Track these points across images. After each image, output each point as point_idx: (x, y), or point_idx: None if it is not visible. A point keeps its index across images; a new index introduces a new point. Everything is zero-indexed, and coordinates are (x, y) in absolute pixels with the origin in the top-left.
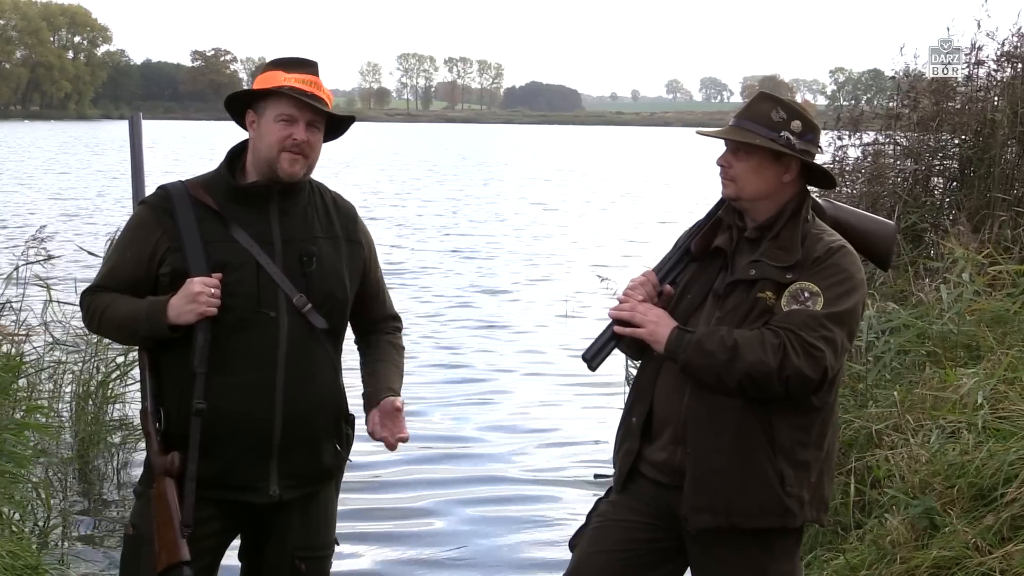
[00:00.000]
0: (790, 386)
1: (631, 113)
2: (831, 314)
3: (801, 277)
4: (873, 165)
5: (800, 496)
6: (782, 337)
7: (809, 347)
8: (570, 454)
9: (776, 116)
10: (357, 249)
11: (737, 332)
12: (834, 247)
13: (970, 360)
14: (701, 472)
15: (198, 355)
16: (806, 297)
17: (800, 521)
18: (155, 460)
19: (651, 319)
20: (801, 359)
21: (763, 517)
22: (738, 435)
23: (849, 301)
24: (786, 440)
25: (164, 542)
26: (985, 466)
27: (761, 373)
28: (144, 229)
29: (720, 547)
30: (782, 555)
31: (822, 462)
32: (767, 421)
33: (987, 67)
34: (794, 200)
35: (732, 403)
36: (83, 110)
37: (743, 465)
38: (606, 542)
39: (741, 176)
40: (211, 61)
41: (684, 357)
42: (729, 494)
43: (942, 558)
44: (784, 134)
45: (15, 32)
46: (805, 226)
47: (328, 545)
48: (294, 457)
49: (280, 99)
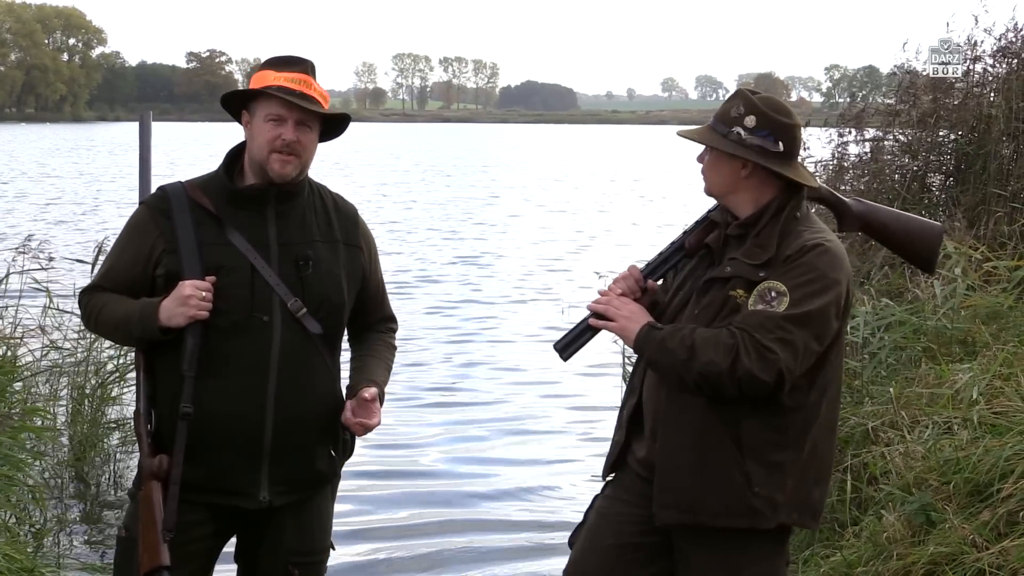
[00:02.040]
0: (743, 387)
1: (627, 112)
2: (792, 315)
3: (772, 276)
4: (872, 162)
5: (771, 498)
6: (737, 338)
7: (763, 349)
8: (572, 453)
9: (735, 112)
10: (356, 253)
11: (699, 331)
12: (808, 245)
13: (965, 356)
14: (667, 468)
15: (187, 358)
16: (772, 297)
17: (772, 523)
18: (144, 462)
19: (624, 314)
20: (753, 360)
21: (729, 517)
22: (702, 433)
23: (816, 302)
24: (756, 440)
25: (147, 545)
26: (981, 462)
27: (713, 373)
28: (141, 230)
29: (696, 545)
30: (759, 557)
31: (804, 465)
32: (733, 421)
33: (983, 63)
34: (778, 198)
35: (697, 401)
36: (78, 112)
37: (707, 463)
38: (600, 540)
39: (706, 172)
40: (206, 62)
41: (648, 354)
42: (693, 492)
43: (939, 554)
44: (736, 130)
45: (9, 35)
46: (790, 224)
47: (323, 550)
48: (285, 463)
49: (269, 99)
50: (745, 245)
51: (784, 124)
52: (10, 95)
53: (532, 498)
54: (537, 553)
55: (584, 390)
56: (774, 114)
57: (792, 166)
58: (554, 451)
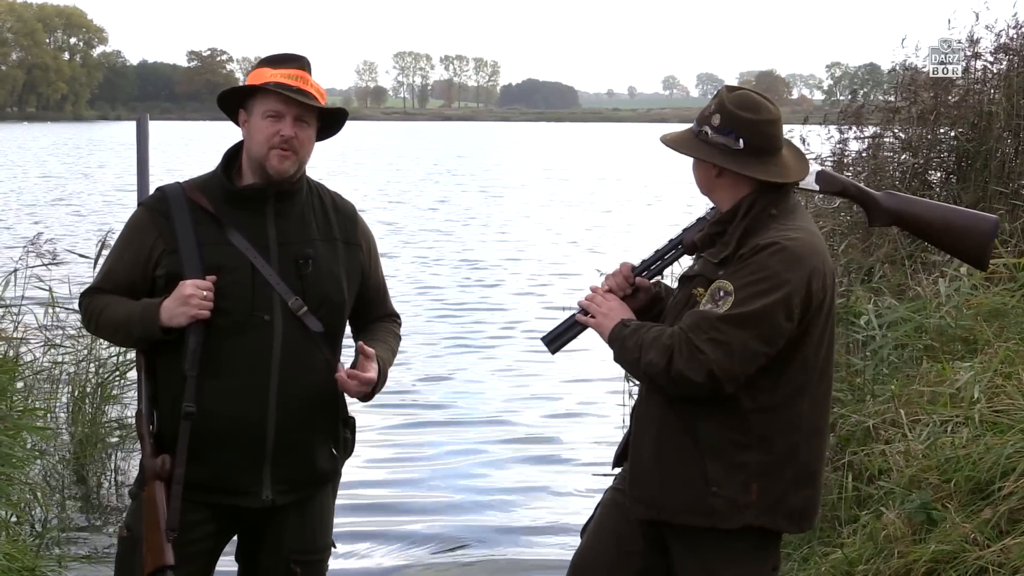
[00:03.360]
0: (679, 387)
1: (628, 110)
2: (730, 316)
3: (726, 274)
4: (872, 158)
5: (733, 499)
6: (674, 338)
7: (694, 349)
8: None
9: (707, 111)
10: (355, 251)
11: (652, 330)
12: (762, 244)
13: (967, 354)
14: (635, 463)
15: (189, 358)
16: (720, 296)
17: (735, 524)
18: (147, 463)
19: (603, 310)
20: (684, 361)
21: (689, 515)
22: (660, 430)
23: (758, 302)
24: (715, 440)
25: (151, 545)
26: (982, 460)
27: (653, 373)
28: (140, 231)
29: (676, 541)
30: (735, 558)
31: (774, 466)
32: (690, 419)
33: (984, 60)
34: (751, 195)
35: (658, 399)
36: (79, 111)
37: (665, 460)
38: (604, 534)
39: (694, 172)
40: (207, 61)
41: (615, 351)
42: (654, 487)
43: (940, 552)
44: (704, 129)
45: (10, 34)
46: (762, 221)
47: (324, 548)
48: (288, 462)
49: (266, 95)
50: (717, 244)
51: (748, 120)
52: (11, 94)
53: (539, 493)
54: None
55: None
56: (739, 111)
57: (760, 162)
58: (560, 450)
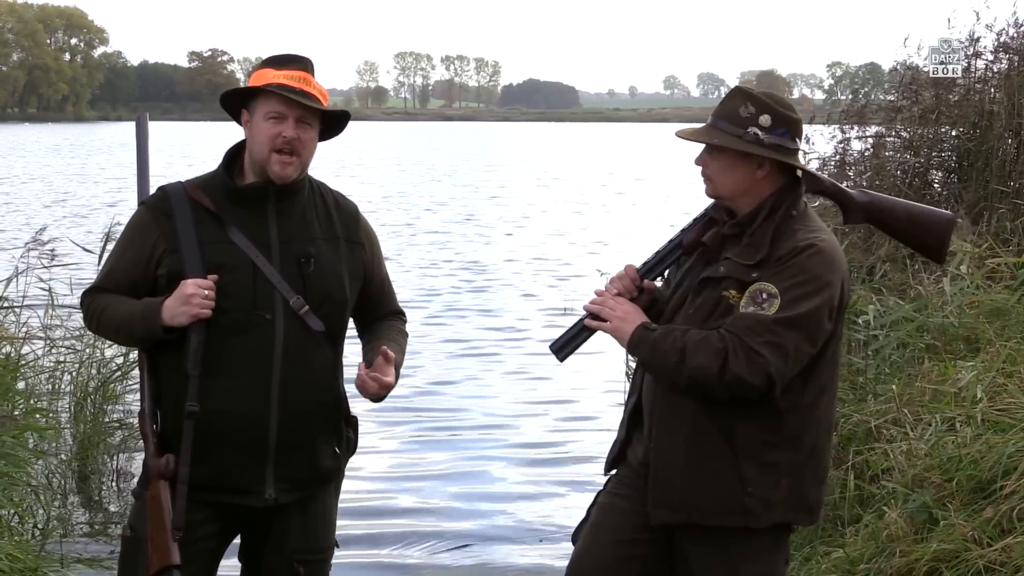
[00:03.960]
0: (732, 391)
1: (628, 110)
2: (783, 318)
3: (764, 276)
4: (874, 158)
5: (766, 497)
6: (726, 341)
7: (752, 352)
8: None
9: (744, 112)
10: (358, 250)
11: (690, 333)
12: (801, 246)
13: (969, 353)
14: (660, 468)
15: (191, 357)
16: (763, 299)
17: (766, 522)
18: (150, 462)
19: (618, 314)
20: (742, 364)
21: (723, 516)
22: (694, 433)
23: (807, 304)
24: (749, 441)
25: (156, 545)
26: (984, 459)
27: (703, 377)
28: (142, 230)
29: (693, 543)
30: (756, 555)
31: (801, 465)
32: (726, 421)
33: (985, 59)
34: (774, 196)
35: (690, 402)
36: (80, 112)
37: (699, 463)
38: (600, 536)
39: (716, 175)
40: (208, 62)
41: (641, 355)
42: (686, 491)
43: (942, 551)
44: (752, 130)
45: (11, 34)
46: (786, 222)
47: (327, 548)
48: (291, 460)
49: (269, 97)
50: (740, 244)
51: (796, 120)
52: (12, 95)
53: (534, 497)
54: (540, 551)
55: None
56: (787, 111)
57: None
58: (561, 453)
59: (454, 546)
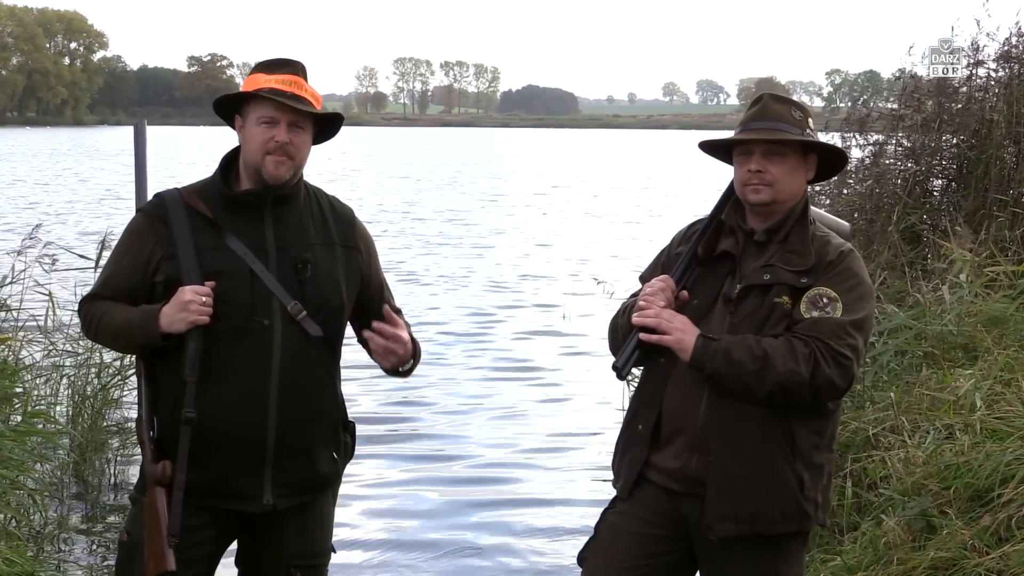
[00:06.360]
0: (820, 395)
1: (628, 116)
2: (853, 321)
3: (817, 282)
4: (875, 166)
5: (816, 499)
6: (812, 347)
7: (839, 356)
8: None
9: (796, 115)
10: (354, 255)
11: (766, 341)
12: (844, 251)
13: (967, 361)
14: (724, 480)
15: (189, 364)
16: (825, 303)
17: (814, 524)
18: (147, 469)
19: (677, 326)
20: (832, 368)
21: (784, 523)
22: (762, 442)
23: (866, 307)
24: (804, 444)
25: (152, 551)
26: (982, 467)
27: (794, 383)
28: (139, 237)
29: (736, 554)
30: (792, 558)
31: (832, 463)
32: (788, 427)
33: (986, 67)
34: (801, 201)
35: (754, 410)
36: (80, 116)
37: (767, 472)
38: (618, 558)
39: (780, 179)
40: (207, 66)
41: (712, 366)
42: (754, 502)
43: (939, 559)
44: (808, 132)
45: (11, 39)
46: (809, 227)
47: (324, 553)
48: (289, 466)
49: (261, 102)
50: (770, 251)
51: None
52: (11, 99)
53: (538, 506)
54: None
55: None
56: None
57: None
58: (562, 458)
59: (453, 548)
